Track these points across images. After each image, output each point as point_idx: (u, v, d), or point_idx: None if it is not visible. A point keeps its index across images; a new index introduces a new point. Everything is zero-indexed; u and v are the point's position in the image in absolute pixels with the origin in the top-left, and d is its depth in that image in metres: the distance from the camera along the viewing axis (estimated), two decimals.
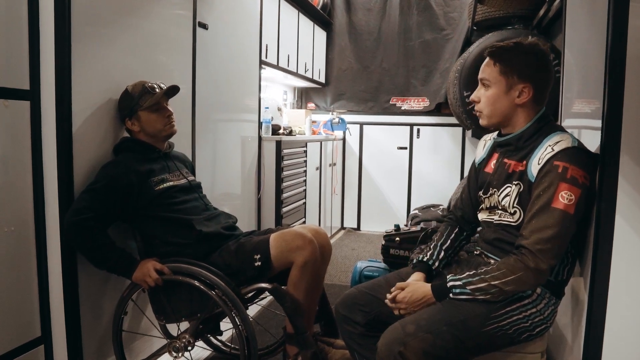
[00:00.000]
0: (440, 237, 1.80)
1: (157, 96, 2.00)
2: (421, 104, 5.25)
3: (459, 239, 1.80)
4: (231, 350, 2.37)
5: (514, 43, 1.57)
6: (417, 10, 5.20)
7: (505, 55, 1.56)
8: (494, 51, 1.58)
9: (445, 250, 1.76)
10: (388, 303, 1.60)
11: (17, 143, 1.77)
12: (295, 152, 3.90)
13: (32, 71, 1.79)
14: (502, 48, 1.57)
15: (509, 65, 1.54)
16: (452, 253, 1.78)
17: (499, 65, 1.56)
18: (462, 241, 1.81)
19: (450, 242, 1.78)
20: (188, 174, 2.16)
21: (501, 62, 1.55)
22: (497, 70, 1.56)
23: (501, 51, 1.56)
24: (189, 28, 2.61)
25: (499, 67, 1.56)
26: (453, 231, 1.80)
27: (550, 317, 1.54)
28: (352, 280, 3.01)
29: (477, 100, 1.62)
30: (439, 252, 1.76)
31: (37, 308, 1.87)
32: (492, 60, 1.58)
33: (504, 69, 1.55)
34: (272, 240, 1.95)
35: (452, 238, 1.79)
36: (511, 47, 1.56)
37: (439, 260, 1.74)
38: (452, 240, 1.78)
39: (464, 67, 3.98)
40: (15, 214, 1.77)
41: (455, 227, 1.81)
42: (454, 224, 1.82)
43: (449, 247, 1.77)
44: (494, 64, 1.57)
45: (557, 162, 1.44)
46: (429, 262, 1.74)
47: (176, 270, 1.90)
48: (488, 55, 1.59)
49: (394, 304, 1.58)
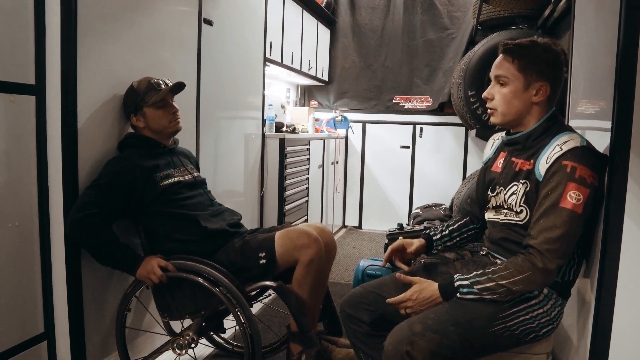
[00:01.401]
0: (450, 221, 1.88)
1: (163, 92, 2.00)
2: (424, 103, 5.24)
3: (467, 227, 1.84)
4: (234, 348, 2.36)
5: (529, 41, 1.55)
6: (421, 9, 5.19)
7: (523, 52, 1.53)
8: (511, 48, 1.55)
9: (450, 231, 1.83)
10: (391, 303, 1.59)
11: (22, 138, 1.76)
12: (298, 150, 3.90)
13: (38, 66, 1.79)
14: (519, 45, 1.54)
15: (528, 62, 1.52)
16: (456, 236, 1.83)
17: (517, 61, 1.53)
18: (469, 230, 1.84)
19: (457, 225, 1.84)
20: (193, 170, 2.15)
21: (520, 59, 1.53)
22: (515, 67, 1.53)
23: (518, 48, 1.54)
24: (194, 24, 2.60)
25: (517, 64, 1.53)
26: (463, 219, 1.86)
27: (557, 317, 1.53)
28: (355, 278, 2.98)
29: (491, 98, 1.59)
30: (444, 229, 1.84)
31: (40, 304, 1.86)
32: (510, 56, 1.54)
33: (523, 65, 1.52)
34: (278, 238, 1.95)
35: (460, 223, 1.84)
36: (529, 45, 1.53)
37: (441, 234, 1.82)
38: (460, 225, 1.84)
39: (468, 66, 3.97)
40: (20, 209, 1.77)
41: (466, 217, 1.86)
42: (465, 215, 1.87)
43: (454, 229, 1.83)
44: (512, 61, 1.54)
45: (565, 162, 1.43)
46: (430, 233, 1.83)
47: (180, 267, 1.90)
48: (504, 52, 1.56)
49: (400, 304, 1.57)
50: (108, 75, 1.99)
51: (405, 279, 1.62)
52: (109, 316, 2.06)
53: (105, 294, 2.05)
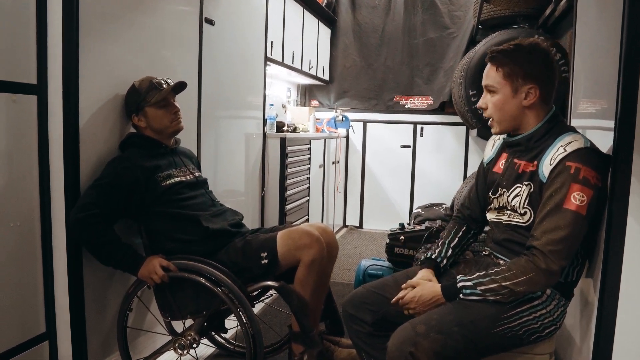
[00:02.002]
0: (448, 235, 1.79)
1: (164, 92, 1.99)
2: (425, 103, 5.24)
3: (467, 237, 1.80)
4: (235, 348, 2.36)
5: (514, 45, 1.55)
6: (422, 8, 5.18)
7: (506, 59, 1.53)
8: (494, 56, 1.55)
9: (453, 248, 1.76)
10: (395, 300, 1.59)
11: (24, 138, 1.76)
12: (299, 150, 3.89)
13: (40, 66, 1.78)
14: (502, 52, 1.54)
15: (512, 68, 1.52)
16: (459, 251, 1.78)
17: (502, 69, 1.54)
18: (469, 239, 1.81)
19: (457, 240, 1.77)
20: (194, 170, 2.15)
21: (504, 66, 1.53)
22: (500, 75, 1.54)
23: (502, 55, 1.54)
24: (195, 24, 2.59)
25: (502, 72, 1.54)
26: (461, 229, 1.80)
27: (560, 318, 1.53)
28: (356, 278, 2.99)
29: (485, 107, 1.60)
30: (447, 249, 1.75)
31: (42, 304, 1.86)
32: (495, 65, 1.55)
33: (507, 72, 1.53)
34: (279, 238, 1.94)
35: (459, 236, 1.78)
36: (512, 50, 1.54)
37: (446, 258, 1.73)
38: (460, 238, 1.78)
39: (469, 66, 3.97)
40: (21, 209, 1.76)
41: (463, 225, 1.81)
42: (461, 222, 1.82)
43: (456, 245, 1.77)
44: (497, 69, 1.55)
45: (569, 163, 1.43)
46: (437, 260, 1.73)
47: (182, 267, 1.89)
48: (490, 60, 1.57)
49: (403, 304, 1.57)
50: (109, 74, 1.99)
51: (408, 285, 1.61)
52: (111, 316, 2.06)
53: (106, 294, 2.05)
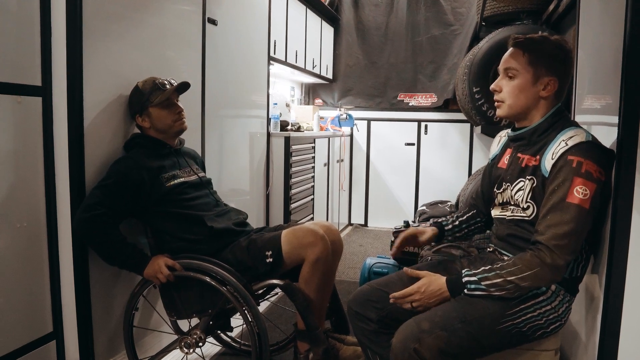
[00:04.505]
0: (458, 212, 1.90)
1: (168, 92, 2.00)
2: (429, 100, 5.23)
3: (474, 219, 1.86)
4: (241, 346, 2.37)
5: (541, 36, 1.56)
6: (425, 5, 5.17)
7: (534, 46, 1.53)
8: (522, 41, 1.55)
9: (460, 222, 1.85)
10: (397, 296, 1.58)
11: (29, 139, 1.77)
12: (304, 148, 3.90)
13: (44, 67, 1.79)
14: (530, 39, 1.55)
15: (538, 57, 1.52)
16: (465, 227, 1.86)
17: (528, 55, 1.53)
18: (476, 223, 1.86)
19: (465, 217, 1.87)
20: (198, 170, 2.16)
21: (530, 53, 1.53)
22: (525, 60, 1.53)
23: (530, 42, 1.54)
24: (198, 24, 2.60)
25: (527, 57, 1.53)
26: (470, 211, 1.88)
27: (565, 314, 1.52)
28: (361, 276, 2.98)
29: (499, 90, 1.59)
30: (455, 220, 1.87)
31: (48, 304, 1.87)
32: (520, 50, 1.55)
33: (533, 59, 1.53)
34: (284, 237, 1.95)
35: (468, 215, 1.87)
36: (540, 40, 1.54)
37: (452, 224, 1.85)
38: (468, 217, 1.87)
39: (473, 62, 3.96)
40: (27, 210, 1.78)
41: (473, 209, 1.88)
42: (472, 208, 1.89)
43: (463, 221, 1.86)
44: (523, 54, 1.54)
45: (571, 157, 1.42)
46: (442, 222, 1.86)
47: (187, 266, 1.90)
48: (515, 45, 1.57)
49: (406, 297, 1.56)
50: (113, 75, 2.00)
51: (412, 272, 1.62)
52: (117, 315, 2.07)
53: (112, 293, 2.06)
